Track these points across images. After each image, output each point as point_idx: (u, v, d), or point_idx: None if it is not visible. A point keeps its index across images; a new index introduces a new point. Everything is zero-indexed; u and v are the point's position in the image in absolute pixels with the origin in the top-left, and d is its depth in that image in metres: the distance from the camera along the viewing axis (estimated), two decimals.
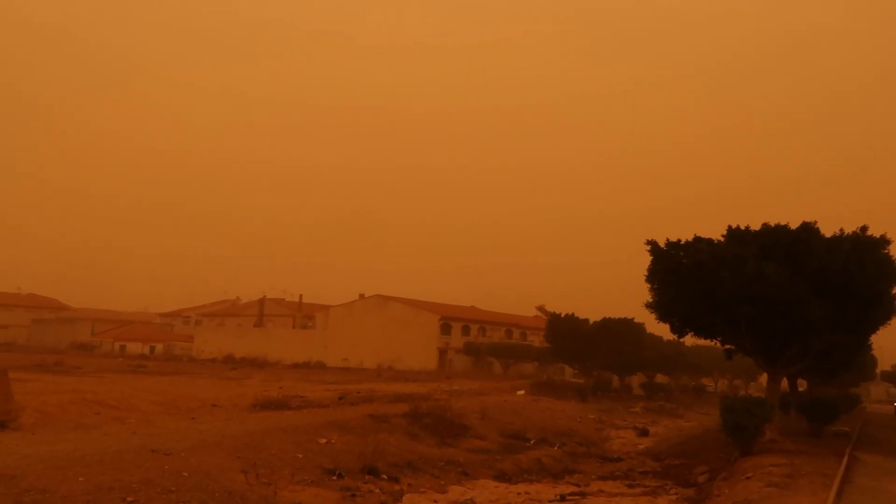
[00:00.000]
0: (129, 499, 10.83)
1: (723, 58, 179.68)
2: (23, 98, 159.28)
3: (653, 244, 21.22)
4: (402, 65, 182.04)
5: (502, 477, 19.52)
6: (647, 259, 21.71)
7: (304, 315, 77.19)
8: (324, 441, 17.81)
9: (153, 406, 20.33)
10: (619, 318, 49.28)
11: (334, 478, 14.87)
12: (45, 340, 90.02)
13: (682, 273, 20.31)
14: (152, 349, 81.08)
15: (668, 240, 20.89)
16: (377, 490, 14.69)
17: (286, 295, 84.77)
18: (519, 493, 16.96)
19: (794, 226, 20.36)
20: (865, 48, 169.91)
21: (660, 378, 66.27)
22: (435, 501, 14.76)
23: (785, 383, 29.70)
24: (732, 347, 22.79)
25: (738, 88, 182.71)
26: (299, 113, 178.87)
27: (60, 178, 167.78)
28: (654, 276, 21.25)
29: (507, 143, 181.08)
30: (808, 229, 20.33)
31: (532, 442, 25.44)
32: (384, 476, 16.00)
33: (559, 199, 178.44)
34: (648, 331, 52.23)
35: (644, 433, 34.28)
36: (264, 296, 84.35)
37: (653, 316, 22.76)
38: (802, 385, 35.41)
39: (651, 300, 21.70)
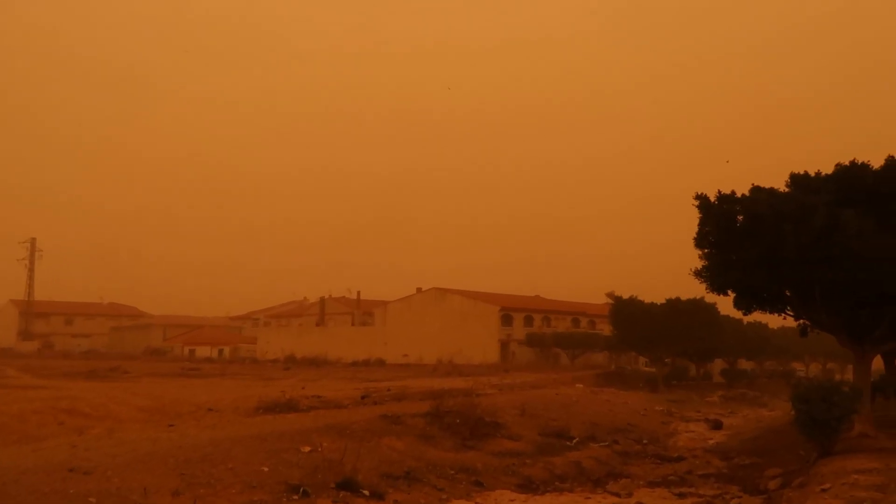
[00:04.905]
0: None
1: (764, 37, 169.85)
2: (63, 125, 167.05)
3: (702, 199, 17.32)
4: (456, 67, 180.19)
5: (527, 486, 16.54)
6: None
7: (362, 312, 75.60)
8: (307, 449, 15.15)
9: (135, 412, 18.34)
10: (687, 299, 44.70)
11: (295, 497, 12.23)
12: (123, 347, 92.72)
13: (738, 232, 16.48)
14: (220, 352, 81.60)
15: (719, 192, 17.03)
16: None
17: (348, 293, 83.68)
18: None
19: (876, 165, 16.08)
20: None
21: (743, 364, 60.99)
22: None
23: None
24: (807, 323, 18.59)
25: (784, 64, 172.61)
26: (337, 119, 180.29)
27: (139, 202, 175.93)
28: (703, 238, 17.40)
29: (556, 138, 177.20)
30: None
31: (575, 441, 22.16)
32: (365, 491, 13.22)
33: (618, 187, 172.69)
34: (724, 313, 47.41)
35: (717, 426, 30.28)
36: (325, 295, 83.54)
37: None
38: None
39: (699, 267, 17.88)
